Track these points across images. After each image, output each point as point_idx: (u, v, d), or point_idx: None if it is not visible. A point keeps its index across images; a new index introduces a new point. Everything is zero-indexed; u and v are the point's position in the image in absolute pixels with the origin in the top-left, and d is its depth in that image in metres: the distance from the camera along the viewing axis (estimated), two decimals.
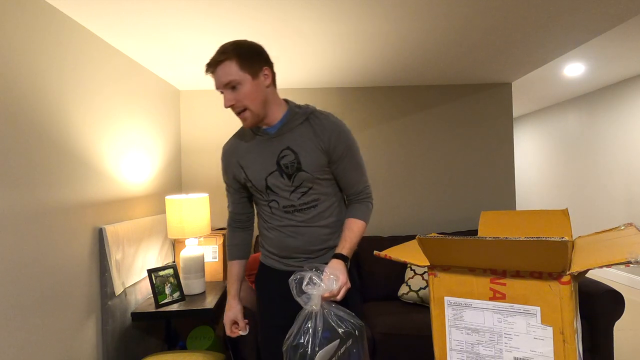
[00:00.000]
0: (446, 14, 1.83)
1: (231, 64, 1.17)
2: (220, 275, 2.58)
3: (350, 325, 1.12)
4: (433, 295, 1.14)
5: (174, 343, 2.44)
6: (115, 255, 1.89)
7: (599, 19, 1.95)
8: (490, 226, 1.36)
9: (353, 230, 1.28)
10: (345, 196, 1.37)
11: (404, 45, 2.22)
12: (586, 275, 1.17)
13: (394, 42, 2.18)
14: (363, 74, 2.78)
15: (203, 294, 2.25)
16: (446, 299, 1.12)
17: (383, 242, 2.78)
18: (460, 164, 3.21)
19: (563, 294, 0.95)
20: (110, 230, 1.85)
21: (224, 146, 1.39)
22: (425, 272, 2.55)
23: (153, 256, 2.32)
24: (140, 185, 2.28)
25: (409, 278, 2.58)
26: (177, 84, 2.86)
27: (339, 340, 1.09)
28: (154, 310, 2.00)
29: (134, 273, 2.08)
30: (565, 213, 1.26)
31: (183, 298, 2.14)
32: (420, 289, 2.50)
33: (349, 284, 1.16)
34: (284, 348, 1.10)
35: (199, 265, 2.26)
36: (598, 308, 2.18)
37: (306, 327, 1.07)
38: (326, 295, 1.09)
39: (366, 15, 1.81)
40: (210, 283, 2.49)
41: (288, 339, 1.10)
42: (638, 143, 3.89)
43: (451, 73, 2.87)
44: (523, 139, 5.97)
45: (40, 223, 1.46)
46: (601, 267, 0.90)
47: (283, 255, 1.33)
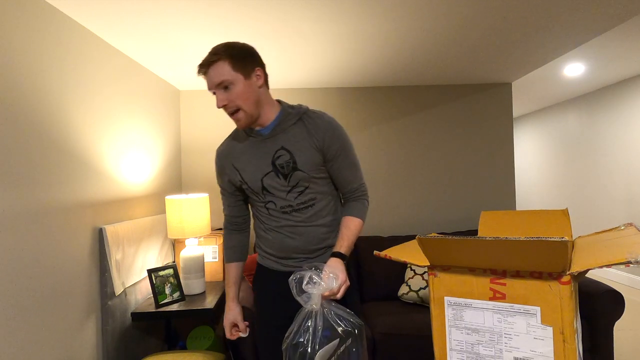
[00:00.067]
0: (446, 14, 1.83)
1: (224, 64, 1.17)
2: (220, 275, 2.58)
3: (350, 324, 1.12)
4: (433, 295, 1.14)
5: (174, 343, 2.44)
6: (115, 255, 1.89)
7: (599, 19, 1.95)
8: (490, 226, 1.36)
9: (350, 229, 1.29)
10: (341, 194, 1.38)
11: (404, 45, 2.23)
12: (586, 275, 1.17)
13: (394, 42, 2.18)
14: (363, 74, 2.78)
15: (203, 294, 2.25)
16: (446, 299, 1.12)
17: (383, 242, 2.78)
18: (460, 164, 3.21)
19: (563, 294, 0.95)
20: (110, 230, 1.86)
21: (217, 149, 1.38)
22: (425, 272, 2.55)
23: (153, 256, 2.32)
24: (140, 185, 2.28)
25: (409, 278, 2.58)
26: (177, 84, 2.86)
27: (338, 339, 1.09)
28: (154, 310, 2.00)
29: (134, 273, 2.08)
30: (565, 213, 1.26)
31: (183, 298, 2.15)
32: (420, 289, 2.50)
33: (348, 282, 1.17)
34: (284, 347, 1.10)
35: (199, 265, 2.26)
36: (598, 308, 2.18)
37: (306, 326, 1.07)
38: (326, 294, 1.09)
39: (366, 15, 1.81)
40: (210, 283, 2.49)
41: (288, 337, 1.10)
42: (638, 143, 3.89)
43: (451, 73, 2.87)
44: (523, 139, 5.97)
45: (40, 223, 1.46)
46: (601, 267, 0.90)
47: (281, 256, 1.33)
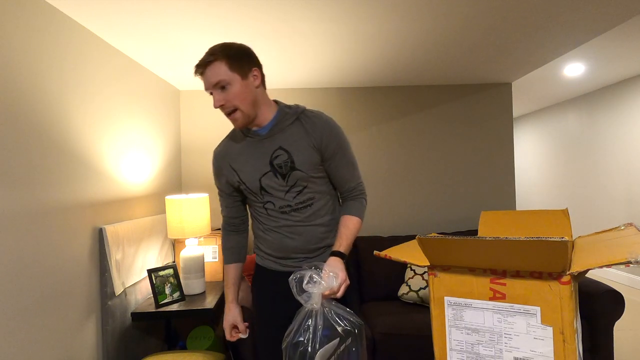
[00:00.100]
0: (446, 14, 1.83)
1: (220, 64, 1.17)
2: (220, 275, 2.58)
3: (350, 324, 1.12)
4: (433, 295, 1.14)
5: (174, 343, 2.44)
6: (115, 255, 1.89)
7: (599, 19, 1.95)
8: (490, 226, 1.36)
9: (349, 227, 1.29)
10: (339, 193, 1.38)
11: (404, 45, 2.22)
12: (586, 275, 1.17)
13: (394, 42, 2.18)
14: (363, 74, 2.78)
15: (203, 294, 2.25)
16: (446, 299, 1.12)
17: (383, 242, 2.78)
18: (460, 164, 3.21)
19: (563, 294, 0.95)
20: (110, 230, 1.86)
21: (214, 150, 1.38)
22: (425, 272, 2.55)
23: (153, 256, 2.32)
24: (140, 185, 2.28)
25: (409, 278, 2.58)
26: (177, 84, 2.86)
27: (338, 338, 1.09)
28: (154, 310, 2.00)
29: (134, 273, 2.08)
30: (565, 213, 1.26)
31: (183, 298, 2.15)
32: (420, 289, 2.50)
33: (348, 281, 1.17)
34: (284, 345, 1.10)
35: (199, 265, 2.26)
36: (598, 308, 2.18)
37: (306, 325, 1.07)
38: (326, 293, 1.09)
39: (366, 15, 1.81)
40: (210, 283, 2.49)
41: (288, 336, 1.10)
42: (638, 143, 3.89)
43: (451, 73, 2.87)
44: (523, 139, 5.97)
45: (40, 223, 1.46)
46: (601, 267, 0.90)
47: (281, 256, 1.33)
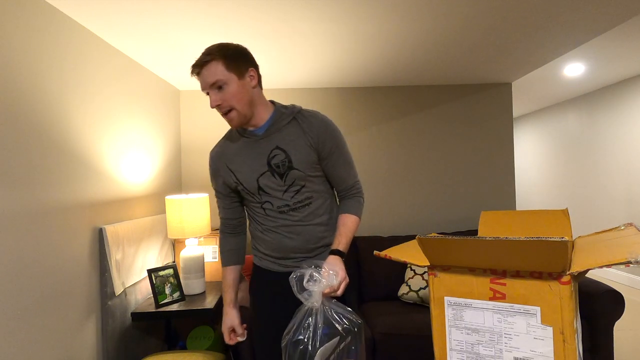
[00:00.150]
0: (446, 14, 1.83)
1: (217, 64, 1.17)
2: (220, 275, 2.58)
3: (350, 322, 1.12)
4: (433, 295, 1.14)
5: (174, 343, 2.44)
6: (115, 255, 1.89)
7: (599, 19, 1.95)
8: (490, 226, 1.36)
9: (347, 226, 1.29)
10: (336, 192, 1.39)
11: (404, 45, 2.22)
12: (586, 275, 1.17)
13: (394, 42, 2.18)
14: (363, 74, 2.78)
15: (203, 294, 2.25)
16: (446, 299, 1.12)
17: (383, 242, 2.78)
18: (460, 164, 3.21)
19: (563, 294, 0.95)
20: (110, 230, 1.86)
21: (211, 152, 1.38)
22: (425, 272, 2.55)
23: (153, 256, 2.32)
24: (140, 185, 2.28)
25: (409, 278, 2.58)
26: (177, 84, 2.86)
27: (338, 337, 1.09)
28: (154, 310, 2.00)
29: (134, 273, 2.08)
30: (565, 213, 1.26)
31: (183, 298, 2.14)
32: (420, 289, 2.50)
33: (348, 279, 1.17)
34: (283, 343, 1.10)
35: (199, 265, 2.26)
36: (598, 308, 2.18)
37: (306, 324, 1.07)
38: (327, 291, 1.09)
39: (366, 16, 1.81)
40: (210, 283, 2.49)
41: (287, 334, 1.10)
42: (638, 143, 3.89)
43: (451, 73, 2.86)
44: (523, 139, 5.97)
45: (40, 223, 1.46)
46: (601, 267, 0.90)
47: (279, 257, 1.33)
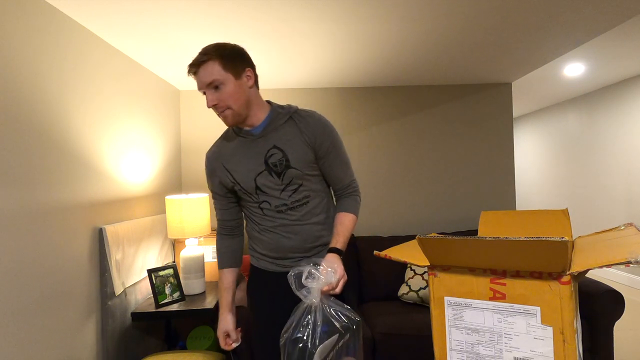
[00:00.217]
0: (446, 14, 1.83)
1: (214, 64, 1.17)
2: None
3: (348, 320, 1.12)
4: (433, 295, 1.14)
5: (174, 343, 2.44)
6: (115, 255, 1.89)
7: (599, 19, 1.95)
8: (490, 226, 1.36)
9: (345, 224, 1.30)
10: (333, 191, 1.39)
11: (404, 45, 2.22)
12: (586, 275, 1.17)
13: (394, 42, 2.18)
14: (363, 74, 2.78)
15: (203, 294, 2.25)
16: (446, 299, 1.12)
17: (383, 242, 2.78)
18: (460, 164, 3.21)
19: (563, 294, 0.95)
20: (110, 230, 1.86)
21: (207, 153, 1.38)
22: (425, 272, 2.55)
23: (153, 256, 2.32)
24: (140, 185, 2.28)
25: (409, 278, 2.58)
26: (177, 84, 2.86)
27: (337, 334, 1.09)
28: (154, 310, 2.00)
29: (134, 273, 2.08)
30: (565, 213, 1.26)
31: (183, 298, 2.14)
32: (420, 289, 2.50)
33: (346, 277, 1.17)
34: (282, 342, 1.10)
35: (199, 265, 2.26)
36: (598, 308, 2.18)
37: (305, 321, 1.07)
38: (325, 288, 1.09)
39: (366, 16, 1.81)
40: (210, 283, 2.49)
41: (286, 332, 1.09)
42: (638, 143, 3.89)
43: (451, 73, 2.86)
44: (523, 139, 5.97)
45: (40, 223, 1.46)
46: (601, 267, 0.90)
47: (278, 257, 1.33)
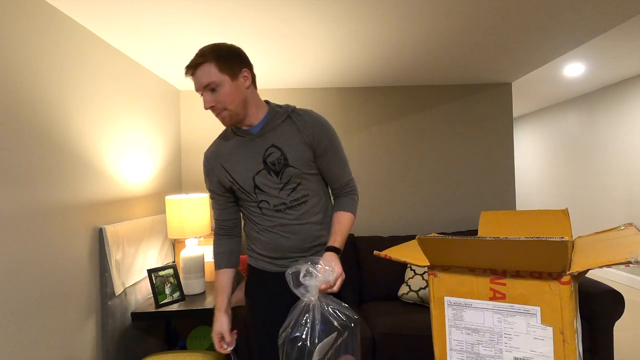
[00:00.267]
0: (447, 14, 1.83)
1: (210, 66, 1.18)
2: None
3: (346, 318, 1.12)
4: (433, 295, 1.14)
5: (174, 343, 2.44)
6: (115, 255, 1.89)
7: (599, 19, 1.95)
8: (490, 226, 1.36)
9: (342, 223, 1.30)
10: (331, 190, 1.40)
11: (404, 45, 2.22)
12: (586, 275, 1.17)
13: (394, 42, 2.18)
14: (363, 74, 2.78)
15: (203, 294, 2.25)
16: (446, 299, 1.12)
17: (383, 242, 2.78)
18: (460, 164, 3.21)
19: (563, 294, 0.95)
20: (110, 230, 1.86)
21: (205, 153, 1.39)
22: (425, 272, 2.55)
23: (153, 256, 2.32)
24: (140, 185, 2.28)
25: (409, 278, 2.58)
26: (177, 84, 2.86)
27: (336, 332, 1.09)
28: (154, 310, 2.00)
29: (134, 273, 2.08)
30: (565, 213, 1.26)
31: (183, 298, 2.15)
32: (420, 289, 2.50)
33: (344, 275, 1.17)
34: (280, 341, 1.09)
35: (199, 265, 2.26)
36: (598, 308, 2.18)
37: (304, 320, 1.07)
38: (323, 286, 1.09)
39: (366, 16, 1.81)
40: (210, 283, 2.49)
41: (284, 331, 1.09)
42: (638, 143, 3.89)
43: (451, 73, 2.87)
44: (523, 139, 5.97)
45: (40, 223, 1.46)
46: (601, 267, 0.90)
47: (276, 257, 1.33)
